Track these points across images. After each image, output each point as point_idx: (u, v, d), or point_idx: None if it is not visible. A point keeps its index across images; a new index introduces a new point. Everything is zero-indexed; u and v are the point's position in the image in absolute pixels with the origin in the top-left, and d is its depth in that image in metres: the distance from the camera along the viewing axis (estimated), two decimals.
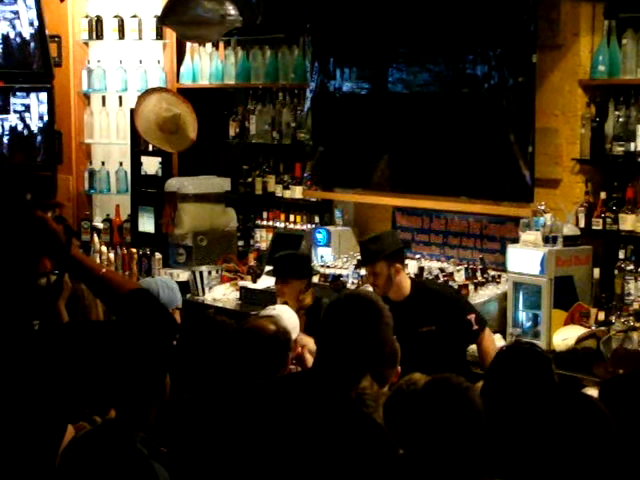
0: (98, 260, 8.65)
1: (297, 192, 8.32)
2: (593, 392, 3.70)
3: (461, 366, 5.68)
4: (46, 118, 9.45)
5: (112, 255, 8.93)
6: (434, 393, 3.04)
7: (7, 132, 9.68)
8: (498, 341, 6.31)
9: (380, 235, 6.16)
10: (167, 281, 6.06)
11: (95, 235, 9.22)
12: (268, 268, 7.97)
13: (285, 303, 6.08)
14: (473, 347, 6.06)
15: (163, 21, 8.05)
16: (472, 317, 5.90)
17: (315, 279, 7.17)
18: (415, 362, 4.37)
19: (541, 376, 3.84)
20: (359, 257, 7.57)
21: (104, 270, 2.54)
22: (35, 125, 9.52)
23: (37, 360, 2.26)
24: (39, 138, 9.52)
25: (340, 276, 7.38)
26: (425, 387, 3.06)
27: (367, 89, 7.74)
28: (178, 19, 7.74)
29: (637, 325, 6.05)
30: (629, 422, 2.95)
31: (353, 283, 7.35)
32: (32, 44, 9.37)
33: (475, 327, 5.88)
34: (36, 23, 9.28)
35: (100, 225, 9.47)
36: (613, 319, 6.18)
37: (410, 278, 6.19)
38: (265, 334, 4.33)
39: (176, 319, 4.71)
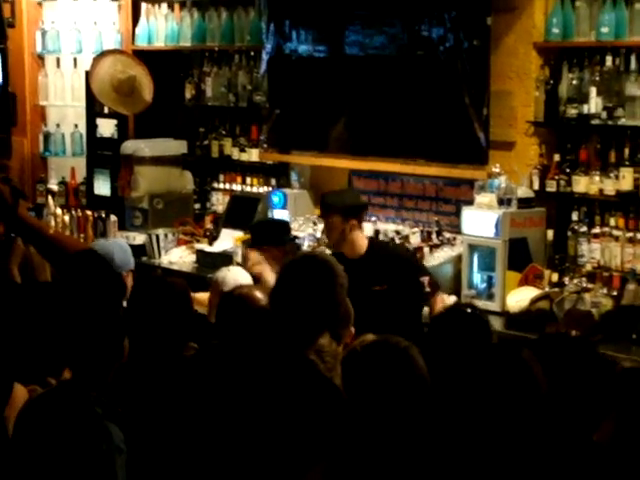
0: (53, 223, 8.60)
1: (253, 155, 8.31)
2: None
3: (414, 326, 5.70)
4: (0, 80, 9.34)
5: (67, 218, 8.88)
6: (374, 354, 3.08)
7: None
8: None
9: (342, 190, 6.16)
10: (121, 243, 6.03)
11: (50, 198, 9.16)
12: (225, 231, 7.97)
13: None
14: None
15: None
16: (425, 279, 5.91)
17: None
18: (368, 321, 4.38)
19: (477, 337, 3.85)
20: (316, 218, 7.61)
21: (52, 231, 2.53)
22: None
23: None
24: None
25: (296, 238, 7.38)
26: (365, 348, 3.11)
27: (323, 51, 7.72)
28: None
29: (590, 286, 6.12)
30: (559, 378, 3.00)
31: (309, 245, 7.37)
32: None
33: (427, 289, 5.87)
34: None
35: (55, 188, 9.42)
36: (566, 280, 6.25)
37: (368, 237, 6.13)
38: (256, 305, 4.28)
39: (128, 282, 4.69)
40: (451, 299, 6.49)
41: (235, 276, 5.35)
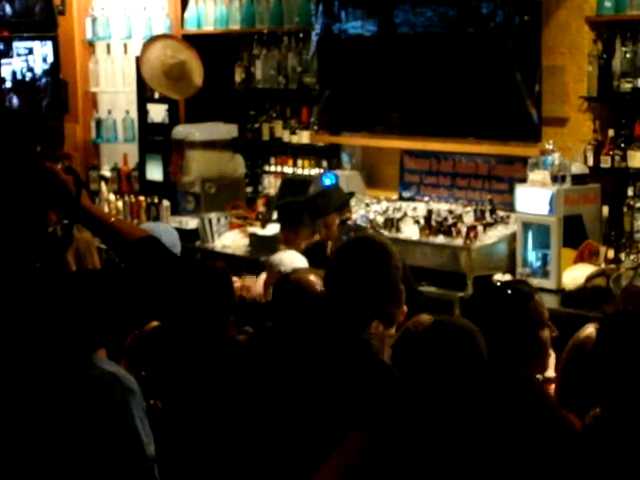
0: (106, 209, 8.68)
1: (304, 137, 8.31)
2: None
3: None
4: (51, 67, 9.41)
5: (120, 204, 8.94)
6: (440, 334, 3.06)
7: (12, 82, 9.65)
8: None
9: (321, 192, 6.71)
10: (168, 227, 6.08)
11: (103, 184, 9.23)
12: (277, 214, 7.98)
13: None
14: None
15: None
16: None
17: None
18: None
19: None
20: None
21: (113, 219, 2.53)
22: (40, 74, 9.49)
23: (41, 305, 2.27)
24: (45, 87, 9.49)
25: (348, 219, 7.36)
26: (431, 328, 3.08)
27: (372, 31, 7.69)
28: None
29: None
30: (628, 357, 2.96)
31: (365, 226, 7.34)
32: None
33: None
34: None
35: (108, 174, 9.48)
36: (622, 256, 6.19)
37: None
38: (311, 290, 4.25)
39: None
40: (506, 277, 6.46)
41: (291, 258, 5.37)
